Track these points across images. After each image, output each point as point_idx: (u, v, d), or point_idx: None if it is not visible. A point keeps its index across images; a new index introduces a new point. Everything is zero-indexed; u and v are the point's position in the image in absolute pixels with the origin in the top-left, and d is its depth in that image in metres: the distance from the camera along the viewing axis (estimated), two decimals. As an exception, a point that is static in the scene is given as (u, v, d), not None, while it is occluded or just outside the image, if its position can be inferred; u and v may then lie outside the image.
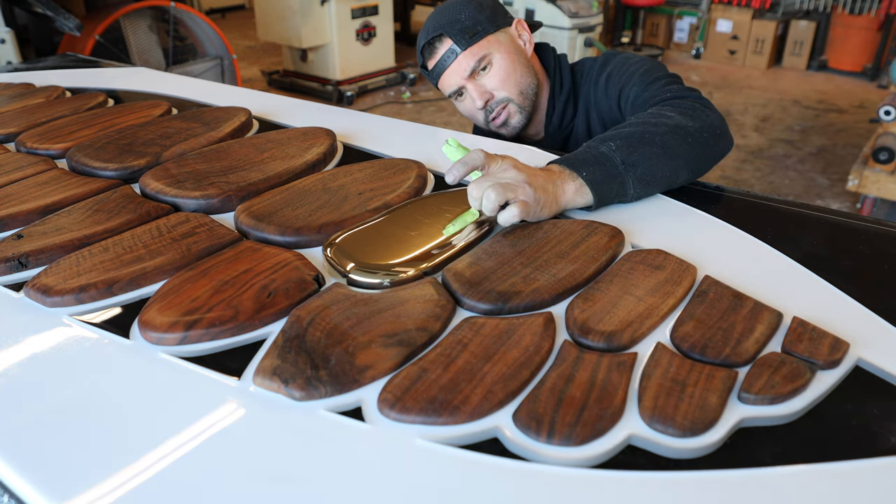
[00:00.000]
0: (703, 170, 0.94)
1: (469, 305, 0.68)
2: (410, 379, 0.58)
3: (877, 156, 2.81)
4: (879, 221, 0.87)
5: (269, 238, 0.81)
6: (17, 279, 0.77)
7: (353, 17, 4.50)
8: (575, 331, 0.64)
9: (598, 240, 0.78)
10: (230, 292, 0.69)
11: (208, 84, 1.55)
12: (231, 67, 3.69)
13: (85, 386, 0.60)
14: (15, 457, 0.53)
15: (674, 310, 0.67)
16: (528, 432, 0.53)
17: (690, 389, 0.56)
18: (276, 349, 0.62)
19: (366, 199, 0.88)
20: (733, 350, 0.61)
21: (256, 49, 5.99)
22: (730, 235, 0.83)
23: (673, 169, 0.90)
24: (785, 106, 4.65)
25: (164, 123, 1.17)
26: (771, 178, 3.59)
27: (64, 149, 1.09)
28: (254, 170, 0.98)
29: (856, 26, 5.15)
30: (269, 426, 0.56)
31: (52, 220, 0.86)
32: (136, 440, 0.54)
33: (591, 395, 0.56)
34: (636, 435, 0.53)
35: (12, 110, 1.29)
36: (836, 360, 0.60)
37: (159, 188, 0.92)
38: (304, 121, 1.22)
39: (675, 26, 5.89)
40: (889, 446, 0.52)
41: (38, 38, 3.09)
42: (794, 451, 0.52)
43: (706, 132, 0.93)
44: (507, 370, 0.58)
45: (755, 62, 5.51)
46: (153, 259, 0.76)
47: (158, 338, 0.65)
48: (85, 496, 0.49)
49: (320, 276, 0.73)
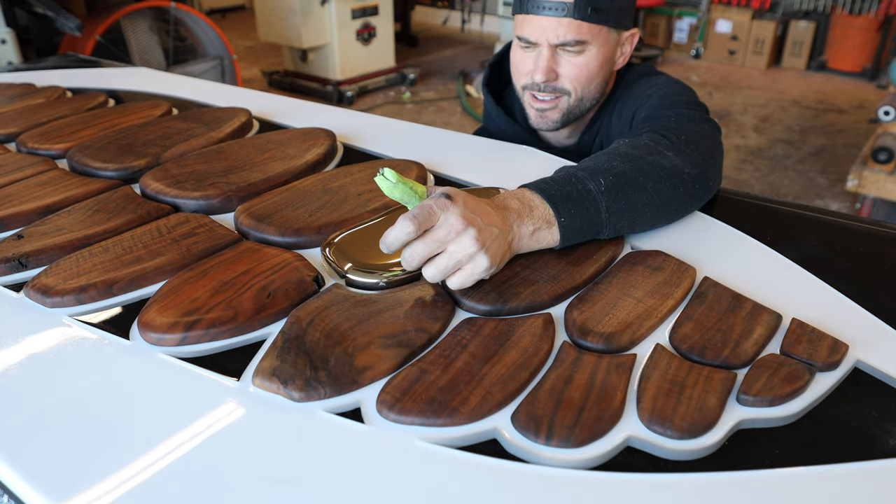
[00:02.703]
0: (679, 217, 0.86)
1: (468, 306, 0.68)
2: (409, 380, 0.58)
3: (876, 156, 2.82)
4: (878, 223, 0.87)
5: (269, 239, 0.81)
6: (17, 279, 0.77)
7: (353, 17, 4.51)
8: (574, 332, 0.64)
9: (597, 241, 0.78)
10: (230, 293, 0.69)
11: (209, 84, 1.55)
12: (231, 68, 3.69)
13: (85, 386, 0.60)
14: (14, 457, 0.53)
15: (673, 311, 0.67)
16: (527, 434, 0.53)
17: (689, 391, 0.56)
18: (275, 350, 0.62)
19: (366, 200, 0.89)
20: (732, 351, 0.61)
21: (256, 49, 5.99)
22: (729, 237, 0.83)
23: (654, 220, 0.81)
24: (784, 106, 4.65)
25: (164, 124, 1.17)
26: (770, 178, 3.59)
27: (64, 149, 1.09)
28: (254, 170, 0.98)
29: (855, 27, 5.15)
30: (269, 427, 0.56)
31: (52, 221, 0.86)
32: (136, 441, 0.54)
33: (590, 396, 0.56)
34: (635, 436, 0.53)
35: (13, 110, 1.29)
36: (834, 361, 0.60)
37: (159, 189, 0.92)
38: (304, 121, 1.22)
39: (675, 26, 5.89)
40: (888, 448, 0.52)
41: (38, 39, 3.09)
42: (793, 452, 0.52)
43: (698, 182, 0.84)
44: (506, 371, 0.59)
45: (755, 62, 5.51)
46: (153, 259, 0.76)
47: (158, 338, 0.65)
48: (84, 496, 0.50)
49: (320, 277, 0.73)
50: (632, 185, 0.77)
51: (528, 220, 0.72)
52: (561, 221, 0.73)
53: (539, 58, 1.06)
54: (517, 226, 0.71)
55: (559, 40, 1.03)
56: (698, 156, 0.85)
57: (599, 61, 1.06)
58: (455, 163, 1.03)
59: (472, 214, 0.66)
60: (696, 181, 0.83)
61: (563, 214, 0.73)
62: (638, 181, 0.78)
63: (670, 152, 0.83)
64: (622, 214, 0.76)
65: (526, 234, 0.72)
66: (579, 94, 1.09)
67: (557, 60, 1.06)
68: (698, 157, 0.85)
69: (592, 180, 0.76)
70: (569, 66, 1.06)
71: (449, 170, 1.01)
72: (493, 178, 0.98)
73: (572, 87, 1.08)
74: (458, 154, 1.08)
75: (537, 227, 0.73)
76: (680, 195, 0.82)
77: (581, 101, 1.10)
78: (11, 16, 2.65)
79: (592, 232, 0.76)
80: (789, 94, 4.89)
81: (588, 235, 0.76)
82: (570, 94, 1.09)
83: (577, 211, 0.74)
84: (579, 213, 0.74)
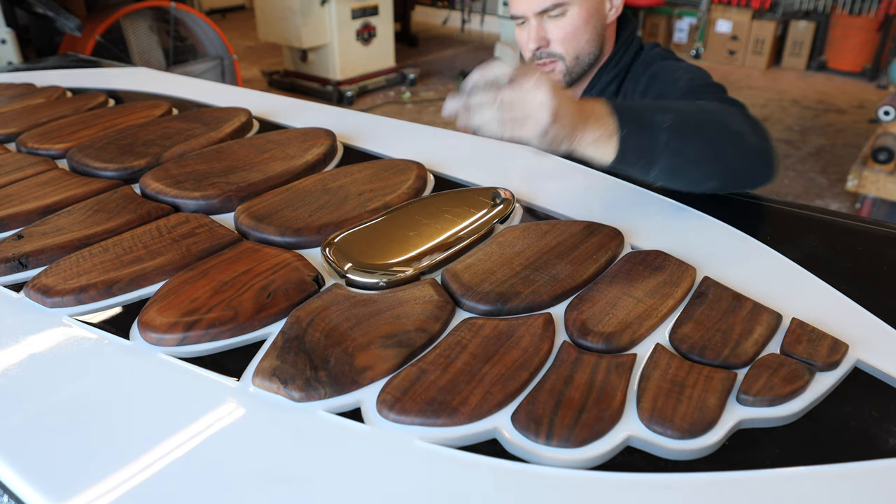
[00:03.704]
0: (733, 187, 0.89)
1: (468, 306, 0.68)
2: (409, 380, 0.58)
3: (876, 156, 2.82)
4: (878, 222, 0.87)
5: (269, 239, 0.81)
6: (17, 279, 0.77)
7: (353, 17, 4.50)
8: (574, 332, 0.64)
9: (597, 240, 0.78)
10: (230, 293, 0.69)
11: (208, 84, 1.55)
12: (231, 68, 3.69)
13: (84, 386, 0.60)
14: (15, 457, 0.53)
15: (673, 311, 0.67)
16: (527, 433, 0.53)
17: (689, 391, 0.56)
18: (275, 350, 0.62)
19: (366, 200, 0.89)
20: (732, 351, 0.61)
21: (257, 49, 5.99)
22: (729, 236, 0.83)
23: (708, 174, 0.83)
24: (784, 106, 4.65)
25: (164, 124, 1.17)
26: (771, 178, 3.58)
27: (64, 149, 1.09)
28: (254, 170, 0.98)
29: (855, 27, 5.15)
30: (269, 427, 0.56)
31: (52, 221, 0.86)
32: (136, 441, 0.54)
33: (590, 396, 0.56)
34: (635, 436, 0.53)
35: (13, 110, 1.29)
36: (834, 361, 0.60)
37: (159, 189, 0.92)
38: (304, 121, 1.22)
39: (675, 26, 5.89)
40: (888, 448, 0.52)
41: (38, 39, 3.09)
42: (793, 452, 0.52)
43: (762, 154, 0.86)
44: (506, 371, 0.59)
45: (755, 62, 5.51)
46: (153, 259, 0.76)
47: (158, 338, 0.65)
48: (84, 496, 0.50)
49: (320, 277, 0.73)
50: (697, 130, 0.81)
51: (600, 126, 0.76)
52: (621, 135, 0.76)
53: (528, 29, 1.14)
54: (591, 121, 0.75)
55: (541, 7, 1.10)
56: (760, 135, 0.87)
57: (584, 17, 1.12)
58: (455, 163, 1.03)
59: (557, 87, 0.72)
60: (760, 152, 0.86)
61: (626, 129, 0.76)
62: (704, 129, 0.82)
63: (740, 119, 0.86)
64: (679, 153, 0.79)
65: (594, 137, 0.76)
66: (573, 53, 1.15)
67: (545, 27, 1.13)
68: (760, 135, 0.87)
69: (659, 114, 0.80)
70: (556, 30, 1.13)
71: (449, 170, 1.01)
72: (493, 178, 0.98)
73: (563, 49, 1.14)
74: (458, 154, 1.08)
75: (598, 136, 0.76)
76: (740, 159, 0.84)
77: (577, 59, 1.16)
78: (11, 16, 2.65)
79: (646, 159, 0.79)
80: (789, 94, 4.89)
81: (641, 162, 0.79)
82: (564, 58, 1.15)
83: (638, 132, 0.77)
84: (638, 133, 0.77)
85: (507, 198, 0.87)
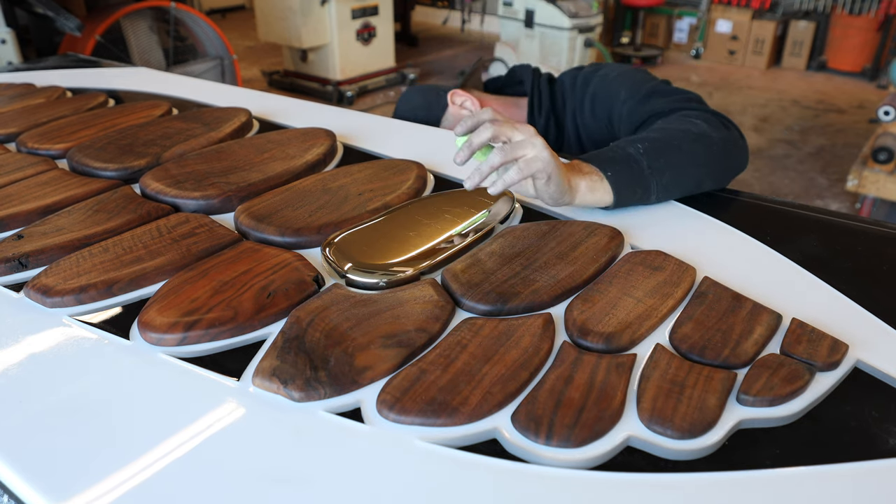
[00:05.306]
0: (724, 181, 0.94)
1: (468, 306, 0.68)
2: (409, 380, 0.58)
3: (876, 156, 2.82)
4: (878, 223, 0.87)
5: (269, 239, 0.81)
6: (17, 279, 0.77)
7: (353, 17, 4.50)
8: (574, 332, 0.64)
9: (597, 241, 0.78)
10: (230, 293, 0.69)
11: (208, 84, 1.55)
12: (231, 68, 3.69)
13: (84, 386, 0.60)
14: (15, 457, 0.53)
15: (673, 311, 0.67)
16: (527, 433, 0.53)
17: (689, 391, 0.56)
18: (275, 350, 0.62)
19: (366, 200, 0.89)
20: (732, 351, 0.61)
21: (256, 49, 5.99)
22: (729, 237, 0.83)
23: (697, 178, 0.89)
24: (784, 106, 4.65)
25: (164, 124, 1.17)
26: (770, 178, 3.59)
27: (64, 149, 1.09)
28: (254, 170, 0.98)
29: (855, 27, 5.15)
30: (269, 427, 0.56)
31: (52, 221, 0.86)
32: (136, 441, 0.54)
33: (590, 396, 0.56)
34: (635, 436, 0.53)
35: (13, 110, 1.29)
36: (834, 361, 0.60)
37: (159, 189, 0.92)
38: (304, 121, 1.22)
39: (675, 27, 5.89)
40: (888, 448, 0.52)
41: (38, 39, 3.09)
42: (793, 452, 0.52)
43: (729, 143, 0.92)
44: (506, 371, 0.59)
45: (755, 62, 5.51)
46: (153, 259, 0.76)
47: (158, 338, 0.65)
48: (84, 496, 0.50)
49: (320, 277, 0.73)
50: (667, 147, 0.87)
51: (589, 175, 0.82)
52: (609, 175, 0.83)
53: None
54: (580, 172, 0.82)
55: None
56: (718, 126, 0.93)
57: None
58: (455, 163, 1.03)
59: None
60: (727, 142, 0.92)
61: (610, 170, 0.83)
62: (672, 143, 0.87)
63: (698, 121, 0.93)
64: (664, 171, 0.85)
65: (589, 185, 0.82)
66: None
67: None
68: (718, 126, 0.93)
69: (631, 146, 0.86)
70: None
71: (449, 170, 1.01)
72: (493, 178, 0.98)
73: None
74: (458, 154, 1.08)
75: (591, 182, 0.82)
76: (714, 155, 0.90)
77: None
78: (11, 16, 2.65)
79: (641, 187, 0.84)
80: (789, 94, 4.89)
81: (637, 191, 0.85)
82: None
83: (621, 168, 0.83)
84: (623, 169, 0.83)
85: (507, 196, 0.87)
